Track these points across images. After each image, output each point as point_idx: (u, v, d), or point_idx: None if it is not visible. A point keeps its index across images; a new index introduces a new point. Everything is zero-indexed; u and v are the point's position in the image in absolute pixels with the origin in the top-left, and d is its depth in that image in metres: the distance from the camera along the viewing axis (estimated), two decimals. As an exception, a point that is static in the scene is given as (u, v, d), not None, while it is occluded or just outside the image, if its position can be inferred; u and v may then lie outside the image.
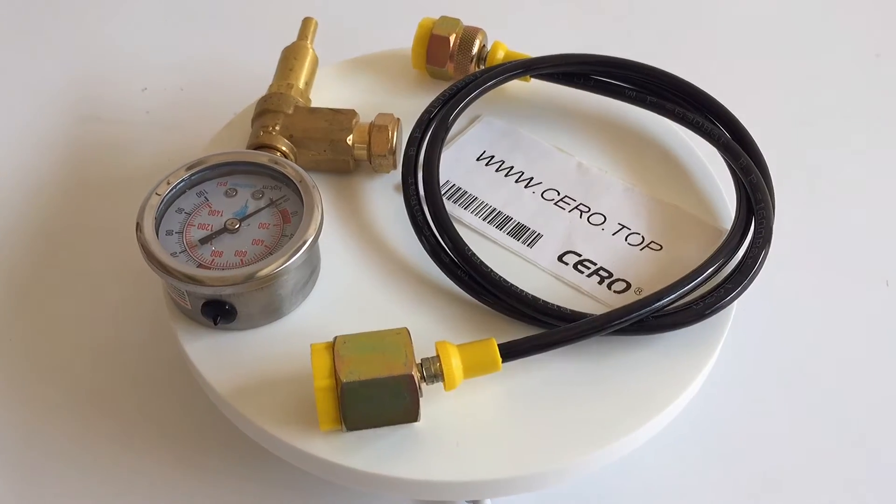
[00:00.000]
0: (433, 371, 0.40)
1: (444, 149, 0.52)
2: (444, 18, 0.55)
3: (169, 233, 0.45)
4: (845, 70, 0.69)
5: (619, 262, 0.47)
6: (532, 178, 0.51)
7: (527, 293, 0.44)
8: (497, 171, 0.52)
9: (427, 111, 0.51)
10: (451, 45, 0.54)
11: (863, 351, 0.53)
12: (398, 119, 0.51)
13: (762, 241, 0.45)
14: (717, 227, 0.49)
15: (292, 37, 0.54)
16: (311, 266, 0.46)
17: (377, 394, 0.39)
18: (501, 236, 0.49)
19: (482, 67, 0.55)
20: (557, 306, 0.44)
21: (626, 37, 0.70)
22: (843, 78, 0.69)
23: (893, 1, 0.74)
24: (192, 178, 0.46)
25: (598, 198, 0.50)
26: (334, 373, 0.39)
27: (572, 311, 0.44)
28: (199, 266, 0.43)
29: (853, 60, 0.70)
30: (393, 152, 0.50)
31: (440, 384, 0.41)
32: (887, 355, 0.53)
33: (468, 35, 0.55)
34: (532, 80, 0.55)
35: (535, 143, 0.53)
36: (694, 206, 0.50)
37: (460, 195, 0.51)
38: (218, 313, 0.43)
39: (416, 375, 0.39)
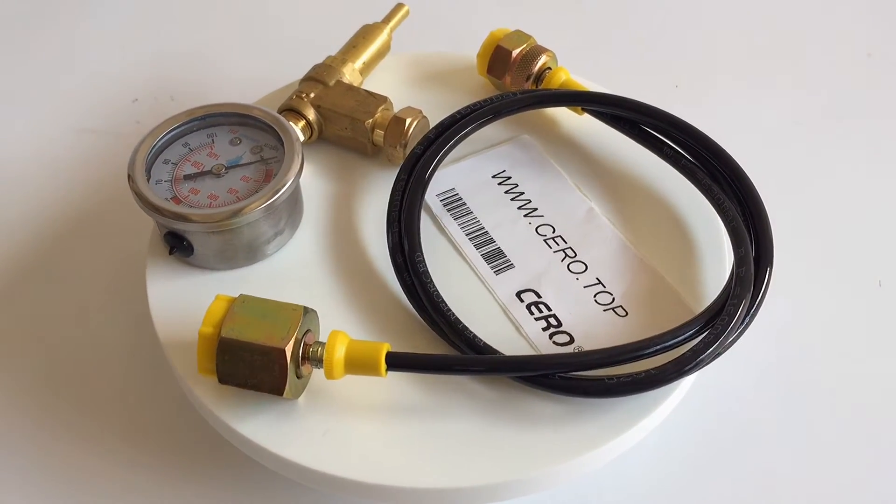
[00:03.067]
0: (318, 355, 0.41)
1: (468, 157, 0.52)
2: (516, 32, 0.54)
3: (166, 161, 0.48)
4: (837, 69, 0.68)
5: (574, 316, 0.45)
6: (536, 210, 0.50)
7: (451, 312, 0.43)
8: (506, 192, 0.50)
9: (451, 116, 0.50)
10: (513, 58, 0.53)
11: (859, 352, 0.52)
12: (424, 116, 0.51)
13: (712, 338, 0.41)
14: (690, 309, 0.45)
15: (284, 44, 0.54)
16: (275, 227, 0.47)
17: (248, 357, 0.40)
18: (475, 256, 0.48)
19: (538, 87, 0.53)
20: (474, 334, 0.42)
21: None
22: (834, 77, 0.67)
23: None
24: (206, 119, 0.49)
25: (591, 247, 0.48)
26: (220, 324, 0.40)
27: (485, 344, 0.42)
28: (173, 198, 0.46)
29: (845, 60, 0.69)
30: (405, 146, 0.50)
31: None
32: (884, 356, 0.51)
33: (532, 53, 0.53)
34: (585, 114, 0.53)
35: (558, 177, 0.51)
36: (684, 282, 0.46)
37: (457, 205, 0.50)
38: (175, 245, 0.46)
39: (291, 353, 0.40)
